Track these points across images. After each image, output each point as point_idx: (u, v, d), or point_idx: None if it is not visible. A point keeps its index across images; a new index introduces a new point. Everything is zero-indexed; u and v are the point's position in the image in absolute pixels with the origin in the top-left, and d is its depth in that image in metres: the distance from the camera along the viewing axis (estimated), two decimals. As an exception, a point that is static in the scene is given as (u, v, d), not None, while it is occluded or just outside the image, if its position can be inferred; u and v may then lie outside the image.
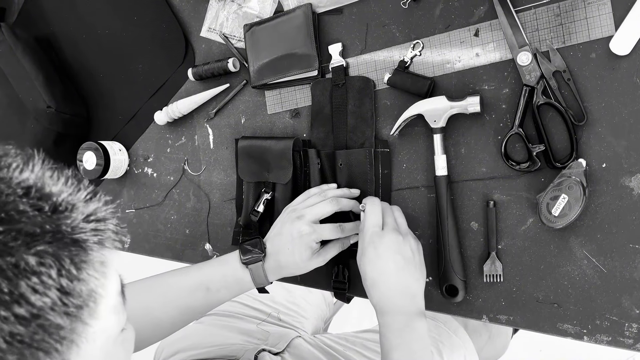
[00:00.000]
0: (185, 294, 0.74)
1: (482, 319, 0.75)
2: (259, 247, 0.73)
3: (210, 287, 0.73)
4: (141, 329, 0.74)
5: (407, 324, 0.67)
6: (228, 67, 0.89)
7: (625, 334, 0.66)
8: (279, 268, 0.74)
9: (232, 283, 0.74)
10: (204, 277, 0.74)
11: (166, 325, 0.75)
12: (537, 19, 0.68)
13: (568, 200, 0.65)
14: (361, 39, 0.81)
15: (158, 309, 0.74)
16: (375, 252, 0.68)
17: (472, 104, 0.70)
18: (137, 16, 1.00)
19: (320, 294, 1.19)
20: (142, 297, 0.74)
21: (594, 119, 0.67)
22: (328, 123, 0.84)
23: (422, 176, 0.78)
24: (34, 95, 1.00)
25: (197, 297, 0.74)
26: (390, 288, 0.68)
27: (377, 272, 0.68)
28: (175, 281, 0.75)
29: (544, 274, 0.71)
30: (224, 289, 0.74)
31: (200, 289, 0.73)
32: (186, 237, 1.00)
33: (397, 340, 0.67)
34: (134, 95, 1.03)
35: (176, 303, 0.74)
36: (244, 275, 0.73)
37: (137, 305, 0.74)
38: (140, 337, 0.74)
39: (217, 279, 0.74)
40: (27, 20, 1.14)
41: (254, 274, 0.73)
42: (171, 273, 0.77)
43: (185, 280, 0.75)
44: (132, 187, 1.06)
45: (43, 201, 0.36)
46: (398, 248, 0.68)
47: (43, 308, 0.34)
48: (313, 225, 0.72)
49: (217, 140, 0.95)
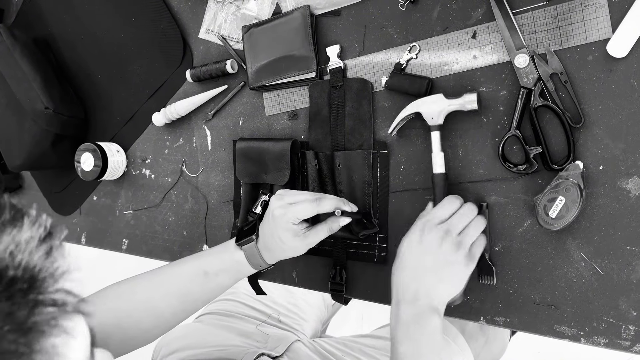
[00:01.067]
0: (184, 280, 0.75)
1: (479, 321, 0.75)
2: (250, 230, 0.75)
3: (208, 270, 0.74)
4: (143, 321, 0.74)
5: (418, 318, 0.65)
6: (226, 68, 0.89)
7: (622, 336, 0.66)
8: (267, 250, 0.74)
9: (229, 265, 0.75)
10: (202, 262, 0.75)
11: (167, 316, 0.75)
12: (535, 21, 0.69)
13: (565, 203, 0.65)
14: (359, 41, 0.81)
15: (158, 299, 0.74)
16: (419, 239, 0.68)
17: (469, 100, 0.70)
18: (135, 18, 1.00)
19: (320, 294, 1.19)
20: (143, 287, 0.75)
21: (591, 121, 0.67)
22: (326, 125, 0.84)
23: (420, 178, 0.78)
24: (31, 97, 1.00)
25: (196, 282, 0.74)
26: (414, 275, 0.67)
27: (411, 255, 0.67)
28: (174, 270, 0.76)
29: (541, 276, 0.71)
30: (222, 272, 0.75)
31: (199, 274, 0.74)
32: (184, 239, 1.00)
33: (404, 334, 0.66)
34: (132, 96, 1.03)
35: (175, 291, 0.75)
36: (240, 257, 0.74)
37: (138, 297, 0.74)
38: (142, 330, 0.75)
39: (215, 262, 0.75)
40: (25, 21, 1.14)
41: (248, 254, 0.74)
42: (170, 264, 0.78)
43: (183, 268, 0.76)
44: (130, 188, 1.06)
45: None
46: (439, 249, 0.66)
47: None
48: (287, 206, 0.71)
49: (215, 142, 0.95)
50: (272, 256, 0.75)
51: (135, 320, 0.74)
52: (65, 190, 1.14)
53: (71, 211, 1.14)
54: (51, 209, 1.17)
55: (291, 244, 0.72)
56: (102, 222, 1.10)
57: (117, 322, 0.72)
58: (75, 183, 1.13)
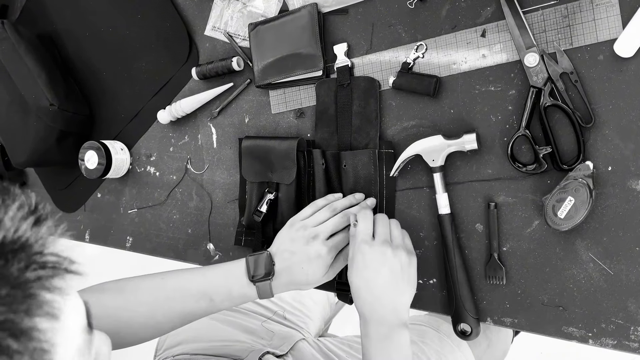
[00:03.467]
0: (189, 303, 0.73)
1: (486, 321, 0.74)
2: (266, 264, 0.72)
3: (214, 298, 0.72)
4: (142, 330, 0.74)
5: (388, 335, 0.67)
6: (232, 66, 0.89)
7: (631, 338, 0.66)
8: (287, 285, 0.73)
9: (236, 297, 0.73)
10: (208, 287, 0.73)
11: (166, 328, 0.75)
12: (545, 20, 0.68)
13: (574, 203, 0.65)
14: (367, 39, 0.80)
15: (160, 314, 0.73)
16: (363, 261, 0.68)
17: (469, 141, 0.71)
18: (141, 14, 1.00)
19: (324, 292, 1.19)
20: (146, 299, 0.73)
21: (602, 121, 0.66)
22: (332, 123, 0.84)
23: (427, 177, 0.77)
24: (36, 93, 0.99)
25: (200, 306, 0.73)
26: (373, 298, 0.68)
27: (362, 281, 0.68)
28: (179, 287, 0.74)
29: (549, 277, 0.70)
30: (228, 301, 0.73)
31: (204, 299, 0.72)
32: (188, 237, 0.99)
33: (376, 351, 0.67)
34: (137, 93, 1.03)
35: (180, 310, 0.73)
36: (249, 291, 0.72)
37: (141, 309, 0.73)
38: (139, 336, 0.74)
39: (222, 291, 0.72)
40: (29, 17, 1.14)
41: (260, 290, 0.72)
42: (176, 276, 0.75)
43: (189, 288, 0.73)
44: (135, 186, 1.05)
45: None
46: (385, 260, 0.68)
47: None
48: (328, 243, 0.72)
49: (221, 140, 0.95)
50: (286, 289, 0.74)
51: (134, 331, 0.73)
52: (69, 187, 1.14)
53: (75, 208, 1.14)
54: (55, 206, 1.17)
55: (316, 278, 0.72)
56: (106, 219, 1.09)
57: (117, 331, 0.70)
58: (79, 180, 1.12)
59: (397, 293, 0.68)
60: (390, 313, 0.68)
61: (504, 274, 0.72)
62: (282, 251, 0.73)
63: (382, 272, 0.68)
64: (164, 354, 0.93)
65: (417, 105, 0.77)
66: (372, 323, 0.68)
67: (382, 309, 0.68)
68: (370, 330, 0.68)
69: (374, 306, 0.68)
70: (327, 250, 0.72)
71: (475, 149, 0.71)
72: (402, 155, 0.76)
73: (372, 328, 0.68)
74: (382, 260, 0.68)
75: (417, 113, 0.77)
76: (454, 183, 0.75)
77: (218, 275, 0.74)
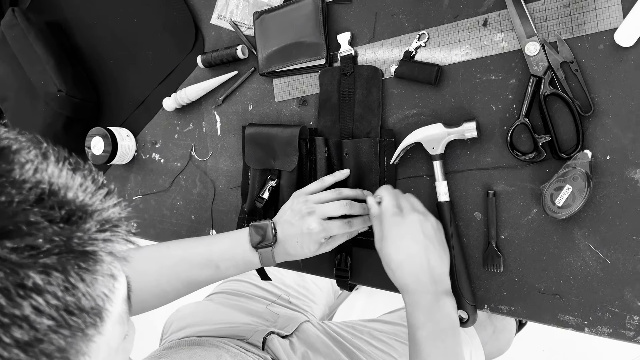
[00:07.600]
0: (194, 270, 0.75)
1: (483, 309, 0.75)
2: (269, 232, 0.74)
3: (219, 265, 0.75)
4: (147, 298, 0.76)
5: (434, 302, 0.68)
6: (237, 54, 0.90)
7: (627, 326, 0.66)
8: (285, 254, 0.75)
9: (240, 263, 0.75)
10: (214, 254, 0.75)
11: (170, 296, 0.77)
12: (546, 9, 0.68)
13: (572, 191, 0.65)
14: (370, 28, 0.81)
15: (166, 282, 0.75)
16: (398, 233, 0.69)
17: (468, 129, 0.71)
18: (148, 3, 1.01)
19: (329, 280, 1.20)
20: (152, 268, 0.76)
21: (601, 111, 0.67)
22: (335, 112, 0.84)
23: (426, 165, 0.78)
24: (45, 79, 1.01)
25: (205, 272, 0.75)
26: (416, 267, 0.68)
27: (402, 254, 0.69)
28: (185, 255, 0.76)
29: (546, 265, 0.71)
30: (233, 267, 0.76)
31: (210, 266, 0.75)
32: (191, 223, 1.00)
33: (424, 318, 0.67)
34: (144, 81, 1.04)
35: (185, 278, 0.75)
36: (253, 257, 0.75)
37: (147, 278, 0.75)
38: (143, 305, 0.76)
39: (227, 257, 0.75)
40: (39, 5, 1.15)
41: (263, 257, 0.74)
42: (182, 246, 0.78)
43: (195, 256, 0.76)
44: (140, 172, 1.07)
45: (56, 210, 0.31)
46: (420, 227, 0.69)
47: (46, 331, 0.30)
48: (323, 223, 0.73)
49: (225, 127, 0.96)
50: (284, 257, 0.76)
51: (140, 300, 0.75)
52: (76, 173, 1.16)
53: (81, 194, 1.16)
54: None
55: (314, 252, 0.74)
56: (111, 205, 1.11)
57: None
58: (85, 167, 1.14)
59: (436, 257, 0.69)
60: (435, 280, 0.68)
61: (502, 262, 0.73)
62: (283, 222, 0.75)
63: (419, 240, 0.68)
64: (170, 337, 0.94)
65: (419, 93, 0.78)
66: (417, 293, 0.68)
67: (425, 276, 0.68)
68: (416, 299, 0.68)
69: (418, 276, 0.68)
70: (319, 229, 0.73)
71: (475, 137, 0.71)
72: (403, 143, 0.76)
73: (418, 297, 0.68)
74: (417, 227, 0.69)
75: (418, 101, 0.78)
76: (454, 171, 0.76)
77: (223, 242, 0.76)
